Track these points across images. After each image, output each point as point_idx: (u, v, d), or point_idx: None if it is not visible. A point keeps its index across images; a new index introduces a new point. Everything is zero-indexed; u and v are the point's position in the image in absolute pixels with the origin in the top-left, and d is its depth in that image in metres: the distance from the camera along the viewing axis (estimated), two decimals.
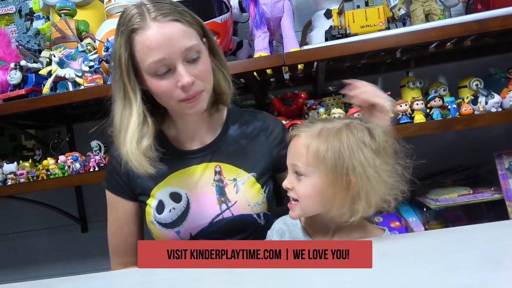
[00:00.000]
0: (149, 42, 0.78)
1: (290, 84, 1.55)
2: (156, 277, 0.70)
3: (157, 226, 0.91)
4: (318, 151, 0.69)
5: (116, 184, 0.96)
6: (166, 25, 0.78)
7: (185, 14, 0.82)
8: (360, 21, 1.14)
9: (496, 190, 1.20)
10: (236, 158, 0.94)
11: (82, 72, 1.26)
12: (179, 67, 0.79)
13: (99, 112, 1.54)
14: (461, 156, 1.38)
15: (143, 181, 0.93)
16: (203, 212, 0.90)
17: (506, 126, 1.43)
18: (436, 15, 1.15)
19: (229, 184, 0.92)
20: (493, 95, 1.10)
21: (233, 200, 0.91)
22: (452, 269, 0.53)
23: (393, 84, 1.34)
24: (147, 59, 0.79)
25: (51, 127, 1.66)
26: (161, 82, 0.81)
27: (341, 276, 0.57)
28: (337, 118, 0.76)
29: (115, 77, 0.84)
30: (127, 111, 0.83)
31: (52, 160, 1.29)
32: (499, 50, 1.39)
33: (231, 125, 0.98)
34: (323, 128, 0.72)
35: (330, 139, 0.69)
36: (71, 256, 1.73)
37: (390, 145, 0.71)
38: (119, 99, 0.84)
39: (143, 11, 0.79)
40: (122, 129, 0.83)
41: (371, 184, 0.67)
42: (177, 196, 0.91)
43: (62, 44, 1.32)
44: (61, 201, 1.65)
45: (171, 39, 0.78)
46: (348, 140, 0.68)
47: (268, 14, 1.23)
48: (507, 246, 0.60)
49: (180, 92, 0.81)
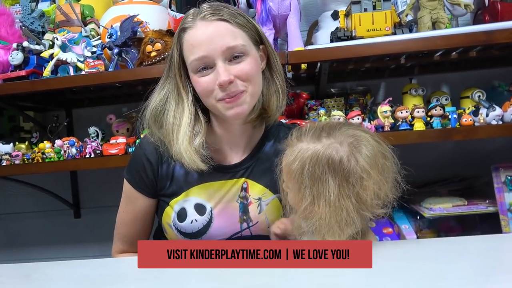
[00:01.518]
0: (192, 40, 0.80)
1: (292, 84, 1.53)
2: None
3: (175, 231, 0.90)
4: (290, 171, 0.68)
5: (141, 181, 0.92)
6: (211, 23, 0.80)
7: (237, 17, 0.82)
8: (367, 24, 1.14)
9: (491, 203, 1.19)
10: (265, 177, 0.90)
11: (84, 57, 1.26)
12: (218, 65, 0.79)
13: (99, 99, 1.56)
14: (458, 167, 1.38)
15: (172, 185, 0.91)
16: (224, 229, 0.89)
17: (506, 139, 1.43)
18: (443, 23, 1.14)
19: (254, 203, 0.90)
20: (495, 108, 1.10)
21: (254, 220, 0.89)
22: (439, 279, 0.53)
23: (396, 90, 1.33)
24: (190, 57, 0.81)
25: (51, 110, 1.65)
26: (202, 79, 0.81)
27: (327, 279, 0.57)
28: (328, 134, 0.68)
29: (169, 75, 0.87)
30: (179, 109, 0.85)
31: (48, 143, 1.29)
32: (505, 63, 1.38)
33: (267, 141, 0.94)
34: (302, 147, 0.68)
35: (302, 161, 0.66)
36: (62, 241, 1.73)
37: (369, 178, 0.64)
38: (172, 97, 0.86)
39: (197, 12, 0.82)
40: (174, 127, 0.84)
41: (321, 221, 0.64)
42: (201, 208, 0.89)
43: (66, 28, 1.31)
44: (55, 185, 1.65)
45: (213, 36, 0.79)
46: (314, 167, 0.64)
47: (274, 11, 1.23)
48: (497, 260, 0.60)
49: (218, 90, 0.80)
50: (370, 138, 0.68)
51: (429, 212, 1.18)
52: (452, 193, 1.28)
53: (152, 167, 0.90)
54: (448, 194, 1.27)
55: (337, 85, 1.48)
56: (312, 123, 0.73)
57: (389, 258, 0.62)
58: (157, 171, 0.90)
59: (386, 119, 1.15)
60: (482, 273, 0.54)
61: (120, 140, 1.28)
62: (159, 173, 0.90)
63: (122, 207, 0.97)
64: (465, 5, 1.15)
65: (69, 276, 0.69)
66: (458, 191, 1.29)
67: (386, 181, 0.66)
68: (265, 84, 0.89)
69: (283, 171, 0.72)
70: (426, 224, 1.24)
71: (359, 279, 0.55)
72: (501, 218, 1.15)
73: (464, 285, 0.50)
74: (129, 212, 0.95)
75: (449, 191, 1.29)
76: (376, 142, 0.68)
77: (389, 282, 0.53)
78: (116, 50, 1.22)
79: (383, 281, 0.54)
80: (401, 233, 1.22)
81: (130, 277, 0.68)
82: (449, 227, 1.26)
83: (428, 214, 1.18)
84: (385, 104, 1.16)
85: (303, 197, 0.65)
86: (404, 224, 1.23)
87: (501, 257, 0.61)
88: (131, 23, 1.21)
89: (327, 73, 1.26)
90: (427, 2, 1.15)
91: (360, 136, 0.68)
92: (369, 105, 1.34)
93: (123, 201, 0.96)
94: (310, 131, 0.70)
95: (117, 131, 1.35)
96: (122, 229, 0.97)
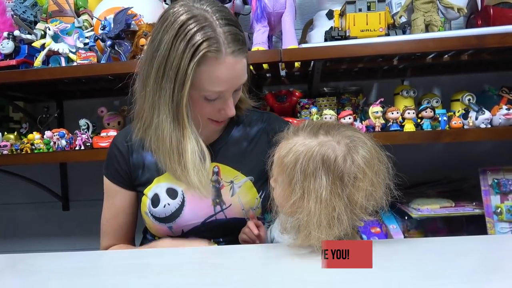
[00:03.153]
0: (220, 74, 0.77)
1: (286, 82, 1.54)
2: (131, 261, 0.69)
3: (150, 218, 0.91)
4: (282, 164, 0.68)
5: (115, 172, 0.93)
6: (239, 61, 0.79)
7: (246, 42, 0.82)
8: (361, 24, 1.14)
9: (478, 205, 1.21)
10: (236, 160, 0.92)
11: (76, 48, 1.24)
12: (229, 99, 0.82)
13: (91, 91, 1.55)
14: (447, 169, 1.39)
15: (144, 173, 0.92)
16: (197, 211, 0.90)
17: (494, 143, 1.45)
18: (436, 26, 1.15)
19: (226, 186, 0.90)
20: (484, 111, 1.11)
21: (227, 203, 0.90)
22: (422, 278, 0.53)
23: (387, 91, 1.34)
24: (210, 87, 0.78)
25: (41, 101, 1.63)
26: (207, 105, 0.82)
27: (312, 276, 0.57)
28: (326, 132, 0.68)
29: (164, 85, 0.77)
30: (179, 132, 0.80)
31: (38, 134, 1.27)
32: (495, 67, 1.40)
33: (236, 125, 0.96)
34: (298, 141, 0.68)
35: (296, 155, 0.66)
36: (50, 233, 1.72)
37: (364, 178, 0.64)
38: (169, 115, 0.78)
39: (218, 38, 0.75)
40: (174, 151, 0.81)
41: (309, 217, 0.62)
42: (173, 192, 0.90)
43: (59, 18, 1.30)
44: (44, 177, 1.63)
45: (237, 76, 0.80)
46: (308, 161, 0.64)
47: (269, 8, 1.22)
48: (480, 260, 0.60)
49: (217, 115, 0.84)
50: (368, 141, 0.68)
51: (416, 213, 1.19)
52: (440, 194, 1.29)
53: (123, 157, 0.92)
54: (436, 196, 1.28)
55: (330, 84, 1.49)
56: (310, 121, 0.73)
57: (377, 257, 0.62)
58: (128, 160, 0.92)
59: (377, 120, 1.15)
60: (464, 273, 0.55)
61: (111, 133, 1.27)
62: (131, 163, 0.92)
63: (104, 205, 0.98)
64: (458, 8, 1.16)
65: (54, 267, 0.69)
66: (446, 192, 1.30)
67: (379, 185, 0.66)
68: None
69: (275, 163, 0.71)
70: (413, 225, 1.26)
71: (345, 275, 0.56)
72: (487, 221, 1.17)
73: (445, 284, 0.50)
74: (109, 207, 0.96)
75: (437, 192, 1.30)
76: (372, 145, 0.68)
77: (371, 280, 0.54)
78: (109, 42, 1.21)
79: (365, 280, 0.54)
80: (388, 233, 1.23)
81: (116, 269, 0.68)
82: (436, 228, 1.27)
83: (415, 214, 1.19)
84: (377, 105, 1.16)
85: (293, 191, 0.64)
86: (392, 224, 1.25)
87: (488, 258, 0.62)
88: (125, 16, 1.20)
89: (320, 72, 1.27)
90: (421, 4, 1.16)
91: (359, 137, 0.68)
92: (361, 105, 1.34)
93: (104, 199, 0.97)
94: (307, 127, 0.70)
95: (108, 124, 1.34)
96: (106, 226, 0.97)
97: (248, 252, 0.73)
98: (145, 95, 0.81)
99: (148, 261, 0.70)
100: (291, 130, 0.72)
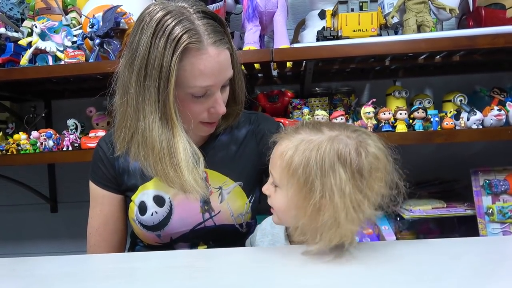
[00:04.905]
0: (204, 66, 0.74)
1: (278, 82, 1.53)
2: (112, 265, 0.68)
3: (138, 225, 0.88)
4: (291, 164, 0.63)
5: (103, 176, 0.90)
6: (221, 52, 0.76)
7: (228, 35, 0.79)
8: (353, 24, 1.13)
9: (469, 206, 1.21)
10: (224, 165, 0.89)
11: (64, 46, 1.22)
12: (217, 95, 0.78)
13: (80, 90, 1.52)
14: (439, 169, 1.39)
15: (130, 178, 0.89)
16: (185, 219, 0.87)
17: (485, 144, 1.45)
18: (428, 26, 1.15)
19: (214, 192, 0.88)
20: (476, 112, 1.11)
21: (216, 210, 0.88)
22: (413, 281, 0.52)
23: (379, 92, 1.34)
24: (195, 82, 0.75)
25: (28, 101, 1.60)
26: (195, 104, 0.78)
27: (302, 279, 0.56)
28: (329, 127, 0.66)
29: (147, 85, 0.73)
30: (168, 132, 0.76)
31: (24, 135, 1.24)
32: (487, 68, 1.40)
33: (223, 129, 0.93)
34: (304, 138, 0.64)
35: (307, 152, 0.62)
36: (37, 236, 1.68)
37: (379, 168, 0.62)
38: (155, 114, 0.75)
39: (197, 29, 0.73)
40: (165, 153, 0.76)
41: (337, 214, 0.59)
42: (160, 200, 0.87)
43: (46, 16, 1.27)
44: (31, 178, 1.60)
45: (222, 68, 0.77)
46: (322, 157, 0.60)
47: (261, 7, 1.21)
48: (472, 262, 0.60)
49: (206, 115, 0.81)
50: (370, 133, 0.67)
51: (409, 214, 1.19)
52: (432, 195, 1.29)
53: (108, 160, 0.89)
54: (428, 196, 1.28)
55: (322, 85, 1.48)
56: (305, 121, 0.71)
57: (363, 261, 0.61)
58: (114, 164, 0.89)
59: (369, 120, 1.15)
60: (455, 276, 0.54)
61: (99, 133, 1.25)
62: (116, 167, 0.89)
63: (91, 214, 0.92)
64: (450, 9, 1.16)
65: (38, 272, 0.66)
66: (437, 193, 1.30)
67: (392, 172, 0.64)
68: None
69: (278, 166, 0.66)
70: (406, 226, 1.25)
71: (335, 278, 0.55)
72: (479, 221, 1.17)
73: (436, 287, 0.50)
74: (98, 215, 0.91)
75: (429, 193, 1.30)
76: (374, 136, 0.66)
77: (362, 284, 0.53)
78: (97, 40, 1.19)
79: (356, 283, 0.53)
80: (381, 234, 1.23)
81: (103, 273, 0.66)
82: (428, 229, 1.27)
83: (407, 215, 1.19)
84: (369, 105, 1.16)
85: (311, 190, 0.60)
86: (384, 225, 1.24)
87: (480, 260, 0.62)
88: (114, 14, 1.18)
89: (312, 72, 1.26)
90: (413, 5, 1.16)
91: (362, 130, 0.66)
92: (353, 105, 1.34)
93: (91, 207, 0.92)
94: (308, 125, 0.67)
95: (97, 124, 1.31)
96: (94, 237, 0.92)
97: (236, 255, 0.72)
98: (127, 100, 0.77)
99: (136, 265, 0.68)
100: (289, 129, 0.68)
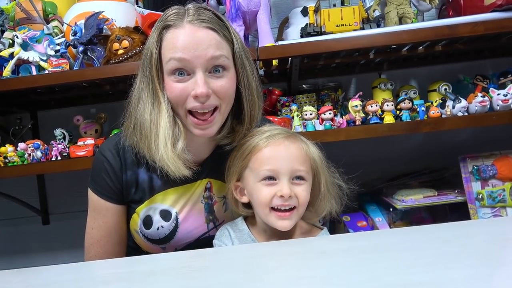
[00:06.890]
0: (176, 39, 0.75)
1: (265, 81, 1.53)
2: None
3: (142, 238, 0.88)
4: (315, 154, 0.79)
5: (107, 188, 0.86)
6: (200, 30, 0.76)
7: (224, 28, 0.79)
8: (336, 20, 1.15)
9: (460, 192, 1.23)
10: None
11: (47, 55, 1.21)
12: (198, 74, 0.75)
13: (66, 100, 1.50)
14: (428, 158, 1.41)
15: (138, 191, 0.87)
16: (191, 232, 0.88)
17: (472, 130, 1.48)
18: (410, 18, 1.16)
19: (218, 202, 0.89)
20: (460, 100, 1.13)
21: (220, 219, 0.89)
22: (408, 266, 0.53)
23: (366, 85, 1.35)
24: (168, 54, 0.76)
25: (14, 113, 1.57)
26: (176, 84, 0.76)
27: (299, 272, 0.56)
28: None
29: (144, 74, 0.79)
30: (155, 109, 0.78)
31: (11, 147, 1.22)
32: (468, 57, 1.43)
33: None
34: (296, 133, 0.81)
35: (312, 146, 0.80)
36: (30, 249, 1.66)
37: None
38: (148, 97, 0.79)
39: (183, 12, 0.78)
40: (152, 130, 0.78)
41: (325, 189, 0.80)
42: (167, 215, 0.87)
43: (27, 26, 1.26)
44: (21, 191, 1.58)
45: (199, 43, 0.75)
46: (313, 146, 0.80)
47: (244, 7, 1.22)
48: (463, 245, 0.61)
49: (192, 101, 0.76)
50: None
51: (401, 204, 1.20)
52: (423, 184, 1.30)
53: (115, 173, 0.85)
54: (419, 186, 1.29)
55: (309, 81, 1.49)
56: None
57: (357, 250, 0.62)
58: (121, 177, 0.86)
59: (357, 113, 1.16)
60: (447, 259, 0.55)
61: (88, 141, 1.23)
62: (124, 180, 0.86)
63: (91, 224, 0.89)
64: (430, 0, 1.18)
65: (33, 283, 0.65)
66: (428, 182, 1.32)
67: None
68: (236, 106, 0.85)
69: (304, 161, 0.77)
70: (399, 216, 1.27)
71: (331, 269, 0.55)
72: (470, 207, 1.19)
73: (431, 271, 0.50)
74: (101, 226, 0.88)
75: (419, 182, 1.32)
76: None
77: (357, 273, 0.53)
78: (81, 48, 1.18)
79: (351, 273, 0.54)
80: (375, 226, 1.24)
81: (100, 279, 0.65)
82: (421, 218, 1.28)
83: (400, 205, 1.20)
84: (356, 99, 1.17)
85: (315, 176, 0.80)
86: (378, 217, 1.25)
87: (470, 242, 0.63)
88: (96, 20, 1.17)
89: (298, 69, 1.27)
90: None
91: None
92: (340, 100, 1.35)
93: (91, 217, 0.89)
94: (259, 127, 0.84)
95: (85, 133, 1.30)
96: (95, 249, 0.89)
97: (232, 253, 0.72)
98: (134, 93, 0.83)
99: (132, 269, 0.68)
100: (255, 131, 0.83)
